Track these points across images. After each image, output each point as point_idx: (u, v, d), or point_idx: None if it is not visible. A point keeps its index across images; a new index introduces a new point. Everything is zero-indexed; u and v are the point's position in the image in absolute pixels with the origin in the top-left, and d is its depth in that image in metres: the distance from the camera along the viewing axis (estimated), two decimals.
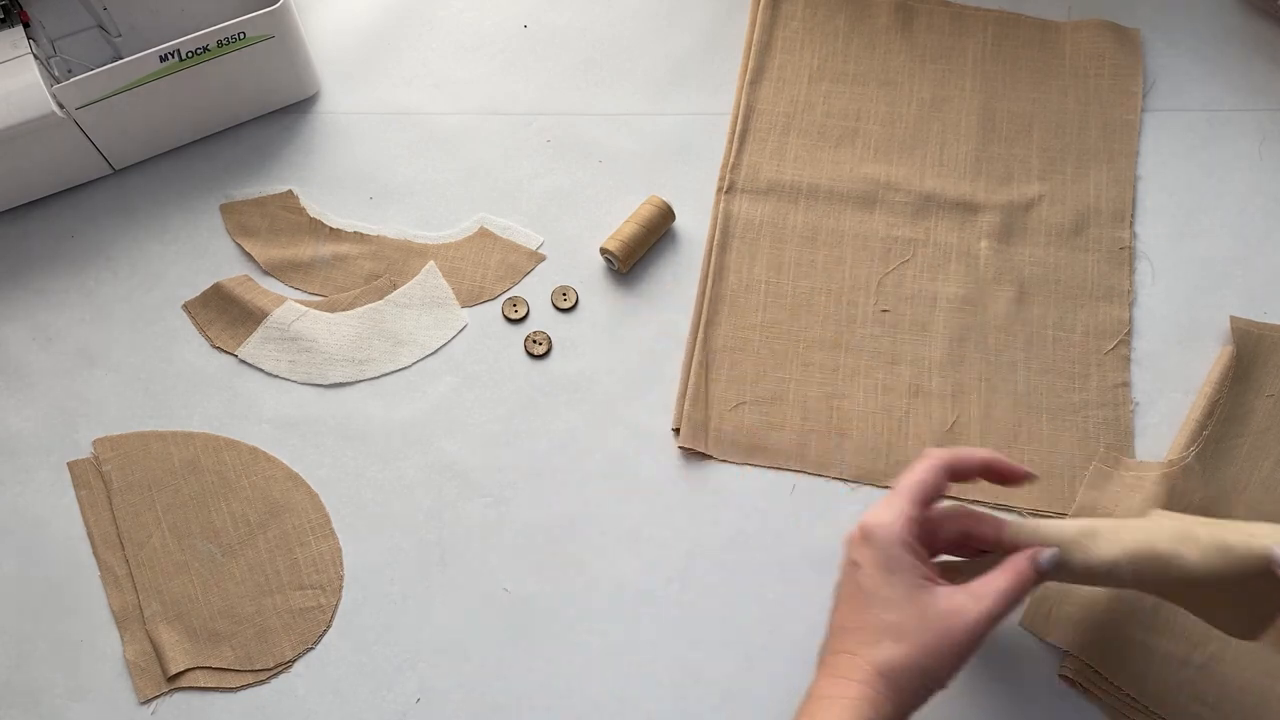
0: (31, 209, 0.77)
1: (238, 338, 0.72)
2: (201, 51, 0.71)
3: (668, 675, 0.63)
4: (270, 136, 0.79)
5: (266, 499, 0.67)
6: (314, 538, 0.66)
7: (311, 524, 0.66)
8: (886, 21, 0.81)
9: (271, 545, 0.66)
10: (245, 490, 0.67)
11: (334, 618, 0.64)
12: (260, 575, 0.65)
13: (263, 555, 0.66)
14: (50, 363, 0.72)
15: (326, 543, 0.66)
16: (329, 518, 0.67)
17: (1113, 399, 0.69)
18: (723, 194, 0.76)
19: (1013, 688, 0.62)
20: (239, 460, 0.68)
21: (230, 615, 0.64)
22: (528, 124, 0.79)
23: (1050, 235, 0.74)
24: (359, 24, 0.83)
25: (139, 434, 0.69)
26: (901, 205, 0.75)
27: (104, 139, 0.74)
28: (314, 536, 0.66)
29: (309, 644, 0.64)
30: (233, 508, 0.67)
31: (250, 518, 0.67)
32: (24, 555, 0.67)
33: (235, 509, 0.67)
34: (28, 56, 0.70)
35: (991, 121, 0.78)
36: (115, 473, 0.68)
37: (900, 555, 0.50)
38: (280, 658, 0.63)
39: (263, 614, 0.64)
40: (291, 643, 0.64)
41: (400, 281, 0.74)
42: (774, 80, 0.79)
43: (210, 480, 0.68)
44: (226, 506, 0.67)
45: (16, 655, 0.65)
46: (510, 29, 0.83)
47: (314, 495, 0.67)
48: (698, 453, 0.68)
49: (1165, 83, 0.79)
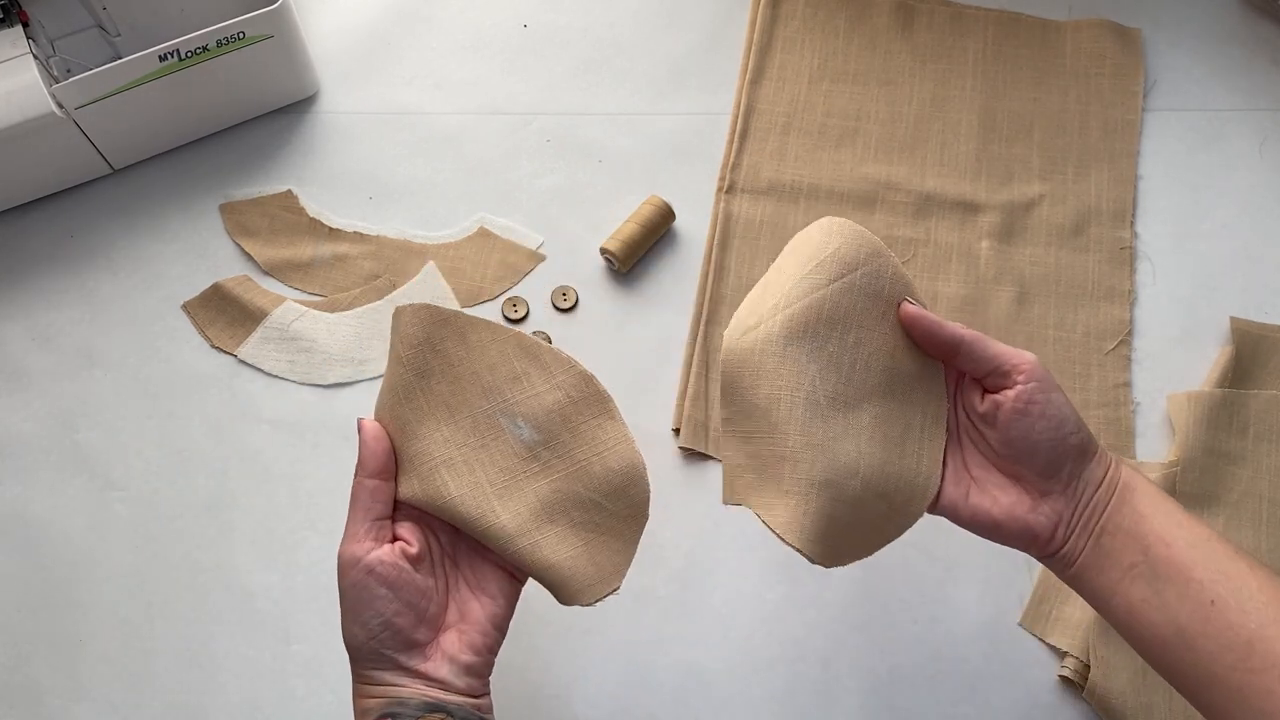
0: (31, 209, 0.77)
1: (237, 338, 0.72)
2: (201, 51, 0.71)
3: (668, 675, 0.63)
4: (270, 136, 0.79)
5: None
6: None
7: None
8: (887, 21, 0.81)
9: None
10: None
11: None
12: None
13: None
14: (50, 363, 0.72)
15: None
16: None
17: (1113, 399, 0.69)
18: (723, 194, 0.76)
19: (1013, 688, 0.62)
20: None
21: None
22: (528, 124, 0.79)
23: (1051, 235, 0.74)
24: (359, 24, 0.83)
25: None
26: (902, 205, 0.75)
27: (103, 139, 0.74)
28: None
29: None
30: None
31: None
32: (24, 555, 0.67)
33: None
34: (27, 56, 0.70)
35: (992, 121, 0.77)
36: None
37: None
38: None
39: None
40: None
41: (400, 281, 0.74)
42: (774, 80, 0.79)
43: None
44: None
45: (16, 655, 0.65)
46: (510, 29, 0.83)
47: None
48: (698, 453, 0.68)
49: (1166, 83, 0.79)
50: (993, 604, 0.64)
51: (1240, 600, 0.45)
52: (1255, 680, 0.43)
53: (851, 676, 0.63)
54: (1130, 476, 0.49)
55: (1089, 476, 0.49)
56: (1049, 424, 0.48)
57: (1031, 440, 0.49)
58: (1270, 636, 0.44)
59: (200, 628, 0.66)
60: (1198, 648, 0.45)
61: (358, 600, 0.48)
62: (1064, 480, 0.49)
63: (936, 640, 0.63)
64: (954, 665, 0.63)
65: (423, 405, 0.51)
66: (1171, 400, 0.67)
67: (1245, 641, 0.44)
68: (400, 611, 0.48)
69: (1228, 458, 0.65)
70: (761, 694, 0.62)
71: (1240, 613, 0.44)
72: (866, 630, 0.64)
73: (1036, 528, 0.49)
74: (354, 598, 0.48)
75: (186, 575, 0.67)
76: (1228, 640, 0.44)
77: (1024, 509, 0.49)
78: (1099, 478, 0.49)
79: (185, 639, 0.65)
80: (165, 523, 0.68)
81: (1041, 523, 0.49)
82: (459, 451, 0.51)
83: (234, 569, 0.67)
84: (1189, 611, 0.45)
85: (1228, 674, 0.44)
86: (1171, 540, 0.47)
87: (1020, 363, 0.49)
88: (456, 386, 0.52)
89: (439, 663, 0.48)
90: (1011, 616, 0.64)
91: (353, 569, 0.48)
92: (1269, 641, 0.44)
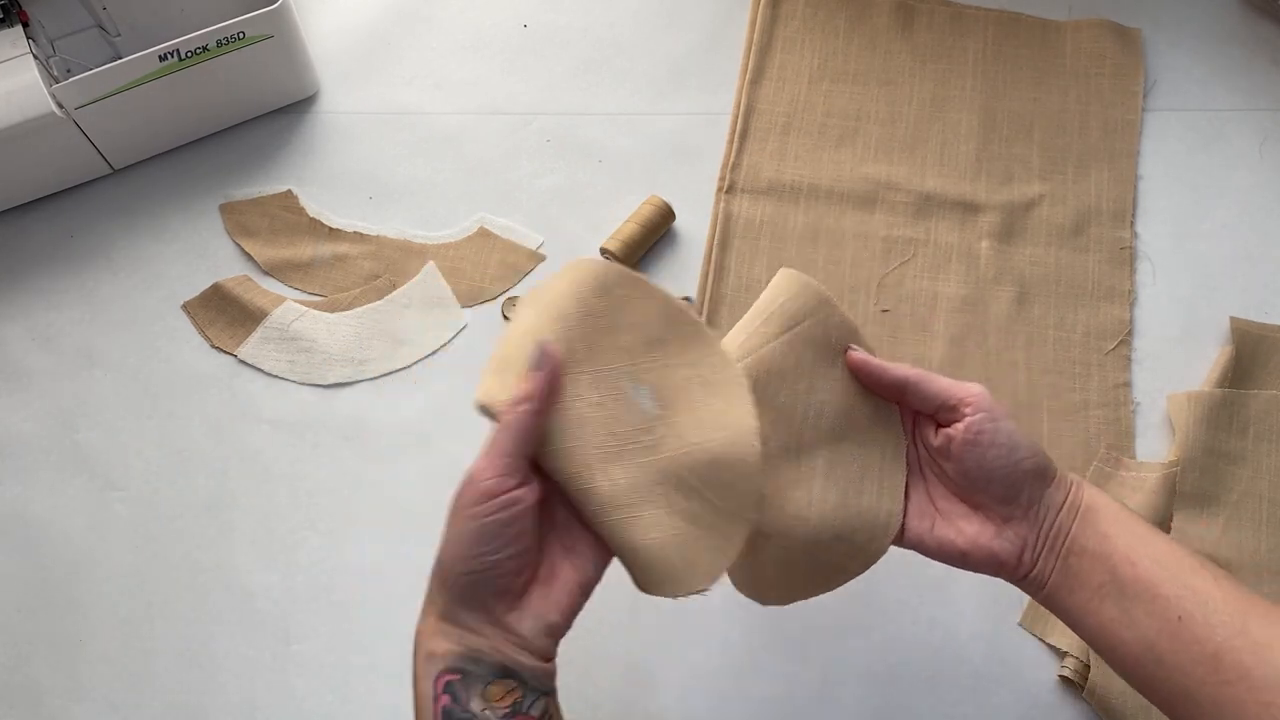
0: (31, 209, 0.77)
1: (237, 338, 0.72)
2: (201, 51, 0.71)
3: (668, 675, 0.63)
4: (270, 136, 0.79)
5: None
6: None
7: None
8: (887, 21, 0.81)
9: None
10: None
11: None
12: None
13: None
14: (50, 363, 0.72)
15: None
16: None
17: (1113, 399, 0.69)
18: (723, 194, 0.75)
19: (1013, 688, 0.62)
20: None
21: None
22: (528, 124, 0.79)
23: (1051, 235, 0.74)
24: (359, 24, 0.83)
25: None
26: (902, 205, 0.75)
27: (103, 139, 0.74)
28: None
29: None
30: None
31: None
32: (24, 555, 0.67)
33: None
34: (27, 56, 0.70)
35: (992, 121, 0.77)
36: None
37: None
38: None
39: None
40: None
41: (400, 281, 0.74)
42: (774, 80, 0.79)
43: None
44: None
45: (16, 655, 0.65)
46: (510, 29, 0.83)
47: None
48: None
49: (1166, 83, 0.79)
50: (993, 604, 0.64)
51: (1206, 614, 0.45)
52: (1227, 692, 0.44)
53: (852, 677, 0.63)
54: (1093, 497, 0.50)
55: (1049, 500, 0.50)
56: (999, 452, 0.49)
57: (985, 469, 0.50)
58: (1237, 648, 0.44)
59: (200, 628, 0.66)
60: (1168, 663, 0.46)
61: (481, 534, 0.45)
62: (1024, 505, 0.50)
63: (936, 640, 0.63)
64: (954, 665, 0.63)
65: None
66: (1171, 400, 0.67)
67: (1213, 654, 0.44)
68: (515, 556, 0.46)
69: (1228, 458, 0.65)
70: (761, 694, 0.62)
71: (1207, 626, 0.45)
72: (867, 630, 0.64)
73: (1002, 554, 0.50)
74: (478, 530, 0.45)
75: (186, 575, 0.67)
76: (1196, 654, 0.45)
77: (988, 537, 0.50)
78: (1059, 501, 0.50)
79: (185, 639, 0.65)
80: (165, 523, 0.68)
81: (1007, 548, 0.50)
82: (572, 404, 0.48)
83: (234, 569, 0.67)
84: (1157, 628, 0.46)
85: (1199, 688, 0.45)
86: (1137, 558, 0.47)
87: (966, 395, 0.50)
88: (592, 339, 0.49)
89: (523, 616, 0.46)
90: (1011, 616, 0.64)
91: (488, 501, 0.45)
92: (1237, 653, 0.44)
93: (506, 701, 0.45)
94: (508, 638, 0.46)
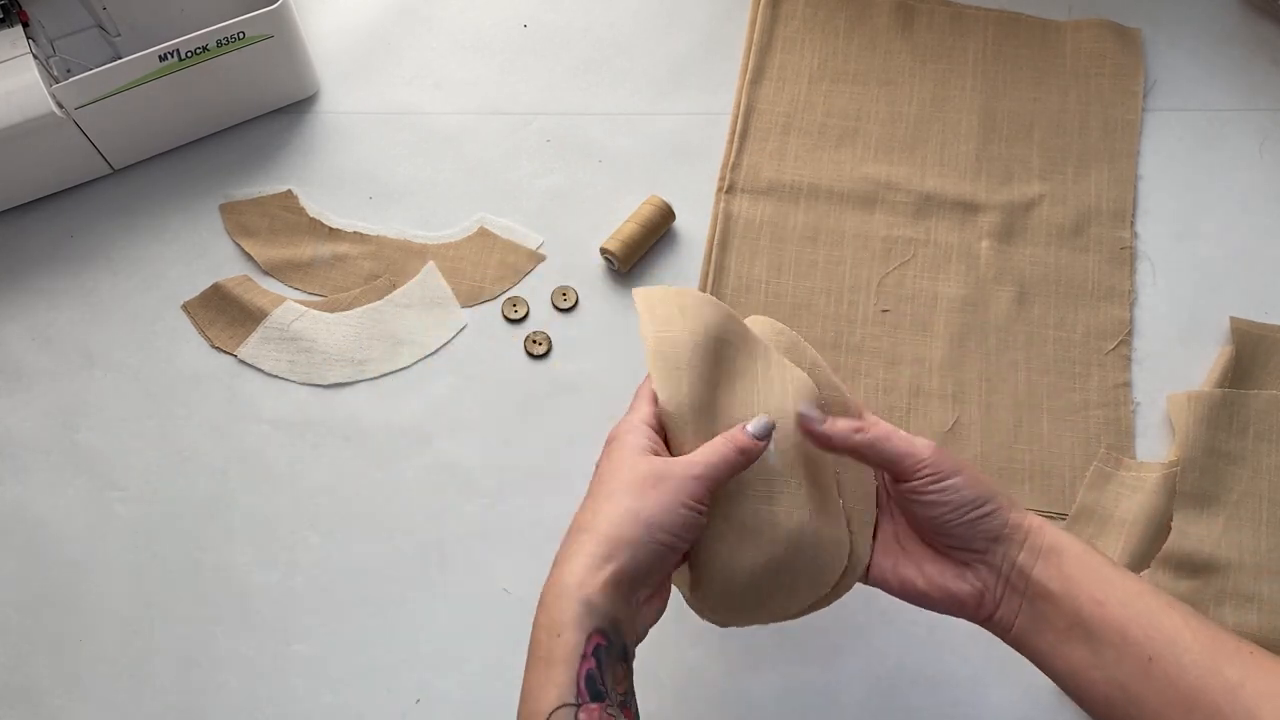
0: (31, 209, 0.77)
1: (237, 338, 0.72)
2: (201, 51, 0.71)
3: (668, 675, 0.63)
4: (270, 136, 0.79)
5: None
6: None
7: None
8: (887, 21, 0.81)
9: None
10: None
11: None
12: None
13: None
14: (49, 363, 0.72)
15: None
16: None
17: (1113, 399, 0.69)
18: (723, 194, 0.76)
19: (1013, 688, 0.62)
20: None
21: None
22: (528, 124, 0.79)
23: (1051, 235, 0.74)
24: (359, 24, 0.83)
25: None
26: (902, 205, 0.75)
27: (103, 139, 0.74)
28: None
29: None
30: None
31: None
32: (24, 555, 0.67)
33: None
34: (27, 56, 0.70)
35: (992, 121, 0.77)
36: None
37: (625, 442, 0.50)
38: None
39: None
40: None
41: (400, 281, 0.74)
42: (774, 80, 0.79)
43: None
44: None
45: (16, 655, 0.65)
46: (510, 29, 0.83)
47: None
48: None
49: (1166, 83, 0.79)
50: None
51: (1177, 654, 0.46)
52: None
53: (852, 676, 0.63)
54: (1056, 539, 0.50)
55: (1007, 545, 0.50)
56: (948, 509, 0.50)
57: (934, 523, 0.51)
58: (1211, 687, 0.44)
59: (200, 628, 0.66)
60: (1143, 704, 0.46)
61: (687, 523, 0.47)
62: (978, 552, 0.51)
63: (937, 640, 0.63)
64: (954, 665, 0.63)
65: (718, 376, 0.53)
66: (1171, 400, 0.67)
67: (1186, 695, 0.45)
68: (679, 556, 0.48)
69: (1228, 458, 0.65)
70: (761, 694, 0.62)
71: (1178, 666, 0.45)
72: (867, 630, 0.64)
73: (962, 596, 0.50)
74: (687, 518, 0.47)
75: (186, 575, 0.67)
76: (1170, 696, 0.45)
77: (948, 579, 0.51)
78: (1019, 543, 0.50)
79: (185, 639, 0.65)
80: (165, 523, 0.68)
81: (966, 590, 0.50)
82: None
83: (234, 569, 0.67)
84: (1128, 670, 0.46)
85: None
86: (1104, 599, 0.48)
87: (914, 455, 0.51)
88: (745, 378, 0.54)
89: (646, 614, 0.49)
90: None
91: (701, 502, 0.48)
92: (1210, 692, 0.44)
93: (621, 688, 0.46)
94: (633, 627, 0.47)
